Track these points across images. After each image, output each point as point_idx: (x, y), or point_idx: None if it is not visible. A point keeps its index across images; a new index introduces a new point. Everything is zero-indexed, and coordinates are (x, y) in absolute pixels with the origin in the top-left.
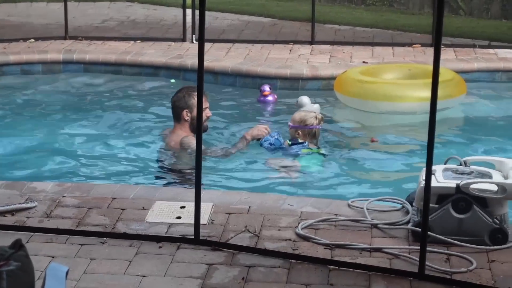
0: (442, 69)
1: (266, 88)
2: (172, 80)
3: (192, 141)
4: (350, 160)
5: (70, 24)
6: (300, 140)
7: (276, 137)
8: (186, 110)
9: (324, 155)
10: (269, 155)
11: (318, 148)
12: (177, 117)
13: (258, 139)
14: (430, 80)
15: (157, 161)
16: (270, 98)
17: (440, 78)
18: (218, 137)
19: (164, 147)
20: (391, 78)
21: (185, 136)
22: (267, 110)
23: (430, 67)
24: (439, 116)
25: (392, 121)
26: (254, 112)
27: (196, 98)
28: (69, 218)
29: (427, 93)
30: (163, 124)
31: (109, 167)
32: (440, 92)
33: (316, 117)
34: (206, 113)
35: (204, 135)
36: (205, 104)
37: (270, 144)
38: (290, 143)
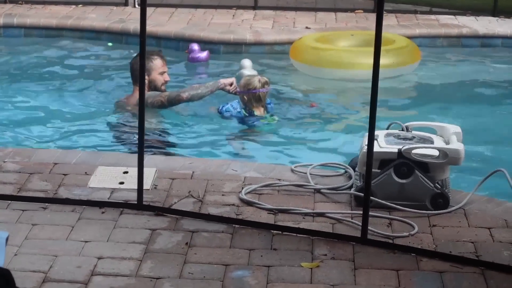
0: (397, 36)
1: (195, 46)
2: (109, 44)
3: (149, 93)
4: (293, 125)
5: None
6: (255, 111)
7: (238, 109)
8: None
9: (275, 120)
10: (229, 128)
11: (271, 115)
12: (135, 79)
13: (228, 87)
14: (384, 47)
15: (113, 127)
16: (203, 54)
17: (395, 45)
18: None
19: (123, 110)
20: (346, 45)
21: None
22: (203, 71)
23: (385, 34)
24: (390, 83)
25: (337, 86)
26: (193, 75)
27: (154, 62)
28: (10, 184)
29: (382, 60)
30: (108, 87)
31: (53, 133)
32: (395, 59)
33: (259, 80)
34: (164, 77)
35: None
36: (164, 68)
37: (232, 116)
38: (247, 114)
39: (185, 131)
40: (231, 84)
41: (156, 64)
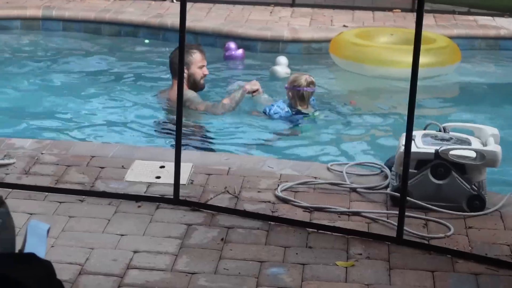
0: (437, 36)
1: (231, 45)
2: (146, 41)
3: (189, 93)
4: (330, 123)
5: None
6: (300, 108)
7: (285, 109)
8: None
9: (317, 116)
10: (272, 128)
11: (314, 111)
12: (175, 73)
13: (253, 92)
14: (424, 46)
15: (152, 120)
16: (239, 52)
17: (436, 45)
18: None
19: (162, 104)
20: (386, 42)
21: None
22: (239, 68)
23: (425, 33)
24: (429, 82)
25: (375, 84)
26: (230, 71)
27: (193, 56)
28: (47, 176)
29: (422, 59)
30: (146, 82)
31: (91, 126)
32: (434, 59)
33: (306, 79)
34: (203, 71)
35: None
36: (203, 62)
37: (281, 116)
38: (293, 112)
39: (224, 129)
40: (255, 90)
41: (195, 58)
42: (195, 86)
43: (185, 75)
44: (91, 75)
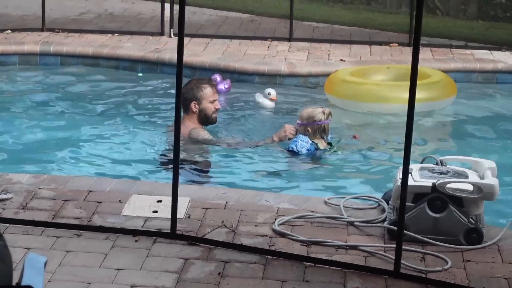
0: (432, 70)
1: (217, 77)
2: (140, 74)
3: (200, 132)
4: (328, 157)
5: (48, 16)
6: (316, 142)
7: (310, 142)
8: (195, 102)
9: (337, 151)
10: (293, 162)
11: (332, 146)
12: (186, 108)
13: (288, 139)
14: (419, 82)
15: (162, 154)
16: (223, 86)
17: (430, 80)
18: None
19: (169, 138)
20: (380, 79)
21: (194, 128)
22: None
23: (420, 68)
24: (426, 116)
25: (372, 120)
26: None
27: (204, 91)
28: (45, 210)
29: (417, 94)
30: (144, 116)
31: (88, 160)
32: (428, 94)
33: (323, 112)
34: (215, 105)
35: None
36: (214, 96)
37: (308, 150)
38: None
39: (232, 164)
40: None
41: (207, 93)
42: (207, 120)
43: (196, 110)
44: (89, 110)
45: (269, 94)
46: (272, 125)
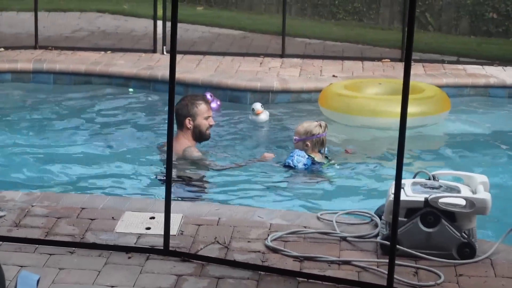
0: (426, 85)
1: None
2: (130, 90)
3: (194, 153)
4: (325, 171)
5: (40, 33)
6: (313, 156)
7: (306, 156)
8: (189, 118)
9: (334, 164)
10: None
11: (329, 159)
12: (180, 124)
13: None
14: (413, 96)
15: (155, 173)
16: (213, 105)
17: (423, 95)
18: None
19: (162, 156)
20: (375, 93)
21: (188, 146)
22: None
23: (414, 83)
24: (418, 131)
25: (364, 134)
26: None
27: (199, 107)
28: (38, 228)
29: (410, 109)
30: (137, 133)
31: (80, 178)
32: (422, 108)
33: (320, 125)
34: (209, 121)
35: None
36: (208, 113)
37: (304, 164)
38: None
39: (226, 180)
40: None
41: (201, 110)
42: (201, 136)
43: (191, 126)
44: (82, 127)
45: (252, 110)
46: (264, 140)
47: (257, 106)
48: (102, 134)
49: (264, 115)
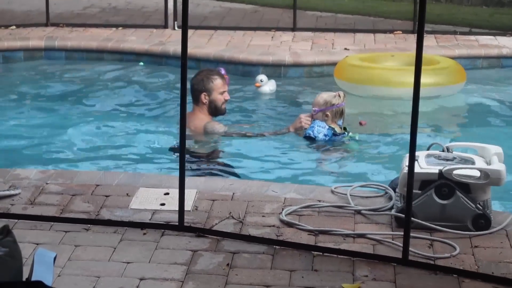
0: (440, 57)
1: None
2: (141, 63)
3: (216, 126)
4: (341, 144)
5: (52, 11)
6: (333, 127)
7: (327, 127)
8: (205, 93)
9: (355, 136)
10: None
11: (347, 131)
12: (196, 99)
13: (301, 130)
14: (427, 67)
15: (171, 148)
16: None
17: (438, 66)
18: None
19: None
20: (390, 64)
21: (209, 122)
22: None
23: (429, 56)
24: (432, 103)
25: (379, 105)
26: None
27: (214, 82)
28: (53, 205)
29: (424, 80)
30: (150, 110)
31: (95, 154)
32: (436, 79)
33: (339, 95)
34: (225, 96)
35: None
36: (224, 88)
37: (325, 135)
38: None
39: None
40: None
41: (217, 84)
42: (216, 111)
43: (206, 101)
44: (95, 103)
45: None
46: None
47: (258, 78)
48: (116, 110)
49: (266, 87)
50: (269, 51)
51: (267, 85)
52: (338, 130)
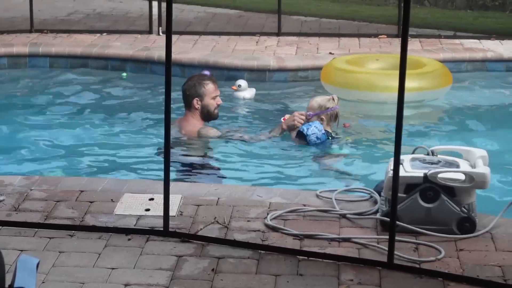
0: (428, 60)
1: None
2: (123, 74)
3: (209, 131)
4: (322, 149)
5: (36, 17)
6: (328, 130)
7: (322, 131)
8: (197, 98)
9: (347, 141)
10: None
11: (340, 136)
12: (188, 105)
13: (294, 128)
14: (413, 71)
15: (159, 149)
16: None
17: (423, 69)
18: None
19: (175, 136)
20: (376, 68)
21: (202, 127)
22: None
23: (416, 58)
24: (417, 107)
25: (363, 109)
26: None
27: (206, 87)
28: (37, 211)
29: (409, 84)
30: (135, 115)
31: (79, 161)
32: (422, 83)
33: (333, 99)
34: (217, 101)
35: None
36: (216, 92)
37: (317, 138)
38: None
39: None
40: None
41: (209, 89)
42: (209, 116)
43: (199, 106)
44: (79, 110)
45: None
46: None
47: (237, 82)
48: (101, 117)
49: (241, 93)
50: (253, 56)
51: (245, 92)
52: (333, 134)
